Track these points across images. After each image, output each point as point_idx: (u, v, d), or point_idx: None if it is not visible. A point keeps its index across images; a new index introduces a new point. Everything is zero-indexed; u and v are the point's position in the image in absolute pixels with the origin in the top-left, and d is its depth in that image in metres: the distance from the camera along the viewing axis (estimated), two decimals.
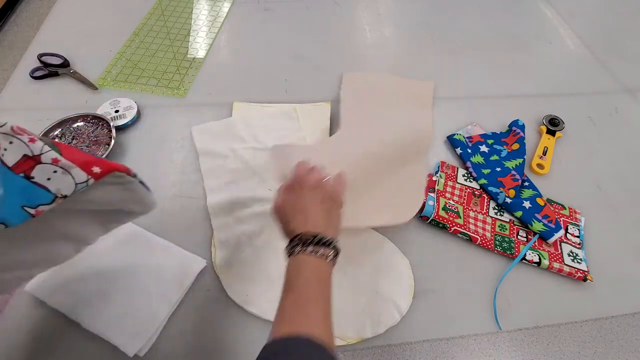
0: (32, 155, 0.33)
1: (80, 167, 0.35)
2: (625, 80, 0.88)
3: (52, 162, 0.33)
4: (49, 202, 0.34)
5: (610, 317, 0.55)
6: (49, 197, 0.34)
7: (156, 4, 0.97)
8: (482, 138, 0.73)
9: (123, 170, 0.38)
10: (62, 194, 0.34)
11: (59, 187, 0.34)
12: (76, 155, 0.35)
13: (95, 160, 0.36)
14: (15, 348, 0.48)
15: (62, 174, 0.34)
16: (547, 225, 0.60)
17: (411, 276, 0.56)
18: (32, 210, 0.33)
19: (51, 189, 0.34)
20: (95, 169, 0.36)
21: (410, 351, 0.51)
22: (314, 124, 0.74)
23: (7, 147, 0.32)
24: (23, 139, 0.33)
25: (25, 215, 0.33)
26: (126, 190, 0.41)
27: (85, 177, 0.35)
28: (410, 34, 0.95)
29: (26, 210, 0.33)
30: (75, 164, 0.35)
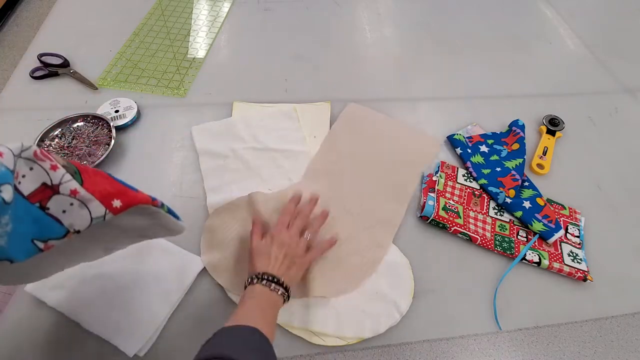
0: (50, 185, 0.31)
1: (100, 199, 0.33)
2: (625, 80, 0.88)
3: (70, 193, 0.32)
4: (60, 237, 0.32)
5: (610, 317, 0.55)
6: (61, 232, 0.32)
7: (156, 4, 0.97)
8: (482, 138, 0.73)
9: (147, 202, 0.36)
10: (75, 229, 0.32)
11: (72, 222, 0.32)
12: (99, 186, 0.33)
13: (118, 192, 0.34)
14: (15, 348, 0.48)
15: (79, 207, 0.32)
16: (547, 225, 0.60)
17: (411, 276, 0.56)
18: (42, 245, 0.31)
19: (65, 222, 0.32)
20: (115, 202, 0.34)
21: (410, 351, 0.51)
22: (314, 124, 0.74)
23: (27, 173, 0.30)
24: (45, 165, 0.31)
25: (34, 250, 0.31)
26: (153, 218, 0.39)
27: (102, 212, 0.33)
28: (410, 34, 0.95)
29: (36, 244, 0.31)
30: (95, 196, 0.33)
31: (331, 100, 0.77)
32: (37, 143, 0.63)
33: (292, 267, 0.50)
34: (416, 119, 0.77)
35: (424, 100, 0.81)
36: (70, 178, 0.31)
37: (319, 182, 0.65)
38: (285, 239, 0.52)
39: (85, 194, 0.32)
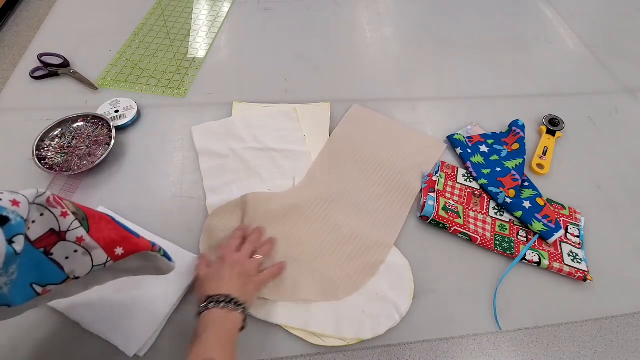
0: (58, 231, 0.31)
1: (104, 247, 0.34)
2: (625, 80, 0.88)
3: (75, 240, 0.32)
4: (58, 283, 0.32)
5: (610, 317, 0.55)
6: (61, 278, 0.32)
7: (156, 4, 0.97)
8: (482, 138, 0.73)
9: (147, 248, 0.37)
10: (75, 275, 0.33)
11: (73, 269, 0.32)
12: (104, 233, 0.34)
13: (121, 239, 0.35)
14: (15, 348, 0.48)
15: (82, 255, 0.33)
16: (547, 225, 0.60)
17: (411, 277, 0.56)
18: (40, 289, 0.31)
19: (66, 269, 0.32)
20: (118, 250, 0.35)
21: (410, 351, 0.51)
22: (314, 124, 0.74)
23: (37, 219, 0.30)
24: (56, 212, 0.31)
25: (32, 294, 0.31)
26: (148, 261, 0.40)
27: (104, 260, 0.34)
28: (410, 34, 0.95)
29: (34, 288, 0.31)
30: (100, 243, 0.33)
31: (331, 100, 0.77)
32: (37, 143, 0.63)
33: (247, 284, 0.48)
34: (416, 119, 0.77)
35: (424, 100, 0.81)
36: (78, 225, 0.32)
37: (322, 183, 0.65)
38: (237, 257, 0.50)
39: (91, 241, 0.33)
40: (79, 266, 0.32)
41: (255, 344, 0.50)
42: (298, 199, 0.62)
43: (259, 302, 0.52)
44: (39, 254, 0.31)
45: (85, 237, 0.32)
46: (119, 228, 0.36)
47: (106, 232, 0.34)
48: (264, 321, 0.51)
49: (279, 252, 0.57)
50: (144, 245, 0.37)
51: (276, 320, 0.51)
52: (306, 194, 0.63)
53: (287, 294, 0.53)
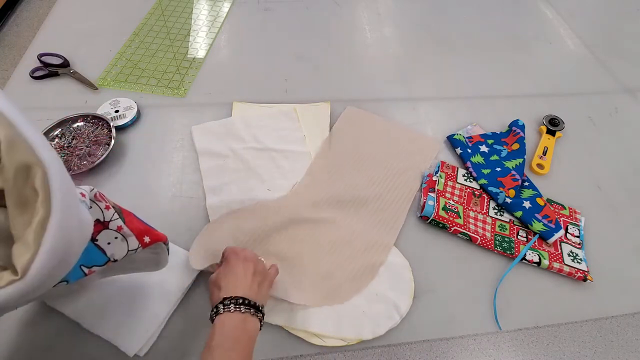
0: (102, 221, 0.36)
1: (136, 235, 0.39)
2: (625, 80, 0.88)
3: (116, 229, 0.37)
4: (101, 264, 0.36)
5: (610, 317, 0.55)
6: (103, 260, 0.36)
7: (156, 4, 0.97)
8: (482, 138, 0.73)
9: (163, 239, 0.43)
10: (114, 259, 0.37)
11: (113, 252, 0.37)
12: (134, 224, 0.39)
13: (146, 230, 0.40)
14: (15, 348, 0.48)
15: (121, 241, 0.38)
16: (547, 225, 0.60)
17: (411, 278, 0.56)
18: (87, 270, 0.35)
19: (107, 252, 0.37)
20: (146, 238, 0.40)
21: (410, 351, 0.51)
22: (314, 124, 0.74)
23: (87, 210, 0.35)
24: (101, 205, 0.36)
25: (81, 275, 0.35)
26: (156, 253, 0.45)
27: (136, 245, 0.39)
28: (410, 34, 0.95)
29: (82, 269, 0.35)
30: (133, 232, 0.39)
31: (331, 100, 0.77)
32: None
33: (263, 283, 0.45)
34: (416, 119, 0.77)
35: (424, 100, 0.81)
36: (117, 217, 0.37)
37: (320, 184, 0.65)
38: (249, 254, 0.47)
39: (127, 230, 0.38)
40: (117, 251, 0.37)
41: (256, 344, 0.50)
42: (296, 202, 0.62)
43: None
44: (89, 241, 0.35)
45: (123, 226, 0.38)
46: (142, 222, 0.41)
47: (136, 224, 0.40)
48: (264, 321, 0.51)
49: (279, 255, 0.57)
50: (162, 237, 0.43)
51: (276, 321, 0.51)
52: (304, 197, 0.63)
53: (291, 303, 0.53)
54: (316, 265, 0.56)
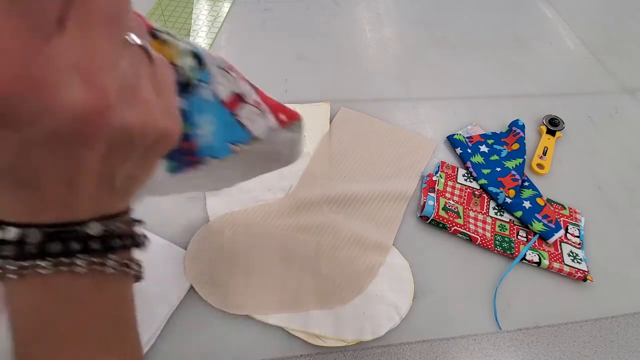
0: (239, 93, 0.32)
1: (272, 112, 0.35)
2: (625, 80, 0.88)
3: (254, 103, 0.33)
4: (245, 142, 0.33)
5: (610, 317, 0.55)
6: (247, 137, 0.33)
7: (156, 4, 0.97)
8: (482, 138, 0.73)
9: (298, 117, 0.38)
10: (257, 136, 0.33)
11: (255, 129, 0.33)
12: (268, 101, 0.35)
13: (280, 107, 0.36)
14: None
15: (259, 117, 0.34)
16: (547, 225, 0.60)
17: (411, 278, 0.56)
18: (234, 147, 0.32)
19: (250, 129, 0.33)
20: (281, 116, 0.36)
21: (410, 351, 0.51)
22: (314, 124, 0.73)
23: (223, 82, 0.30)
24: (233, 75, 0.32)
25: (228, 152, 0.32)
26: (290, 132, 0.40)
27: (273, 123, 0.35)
28: (410, 34, 0.95)
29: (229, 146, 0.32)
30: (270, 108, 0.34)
31: (331, 100, 0.77)
32: None
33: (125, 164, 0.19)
34: (416, 119, 0.77)
35: (424, 100, 0.81)
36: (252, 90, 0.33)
37: (316, 187, 0.65)
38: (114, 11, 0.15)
39: (264, 105, 0.34)
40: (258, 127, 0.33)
41: (256, 344, 0.50)
42: (294, 203, 0.62)
43: (258, 302, 0.52)
44: (228, 115, 0.31)
45: (259, 100, 0.34)
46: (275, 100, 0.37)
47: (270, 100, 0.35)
48: (262, 321, 0.51)
49: (278, 259, 0.57)
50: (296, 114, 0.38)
51: (276, 322, 0.51)
52: (302, 198, 0.63)
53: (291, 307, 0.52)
54: (316, 269, 0.56)
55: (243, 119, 0.32)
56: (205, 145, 0.29)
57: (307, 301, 0.53)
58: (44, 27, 0.13)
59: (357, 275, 0.56)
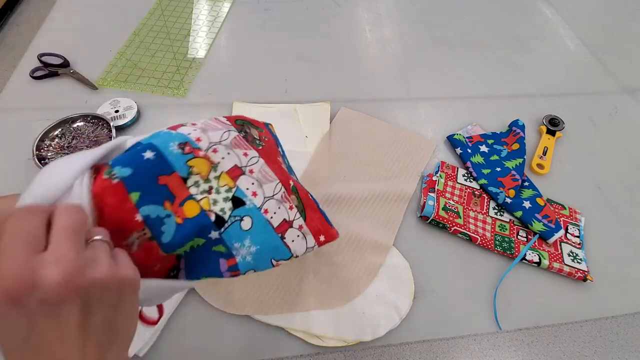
0: (288, 220, 0.40)
1: (313, 235, 0.42)
2: (625, 80, 0.88)
3: (298, 227, 0.41)
4: (286, 259, 0.39)
5: (610, 317, 0.55)
6: (288, 255, 0.39)
7: (156, 4, 0.97)
8: (482, 138, 0.73)
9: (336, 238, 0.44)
10: (296, 255, 0.40)
11: (296, 249, 0.40)
12: (314, 223, 0.42)
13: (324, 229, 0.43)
14: None
15: (301, 239, 0.41)
16: (547, 225, 0.60)
17: (411, 279, 0.56)
18: (275, 263, 0.39)
19: (292, 249, 0.40)
20: (321, 237, 0.42)
21: (410, 351, 0.51)
22: (314, 124, 0.74)
23: (277, 211, 0.39)
24: (286, 206, 0.40)
25: (270, 266, 0.38)
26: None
27: (313, 244, 0.42)
28: (410, 34, 0.95)
29: (272, 262, 0.39)
30: (311, 232, 0.42)
31: (331, 100, 0.77)
32: (37, 143, 0.63)
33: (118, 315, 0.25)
34: (416, 119, 0.77)
35: (424, 100, 0.81)
36: (299, 216, 0.41)
37: (316, 187, 0.65)
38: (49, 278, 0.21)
39: (306, 229, 0.41)
40: (299, 247, 0.40)
41: (256, 344, 0.50)
42: None
43: (258, 302, 0.52)
44: (277, 238, 0.39)
45: (303, 225, 0.41)
46: (321, 216, 0.44)
47: (315, 222, 0.42)
48: (261, 320, 0.51)
49: None
50: (335, 235, 0.44)
51: (276, 322, 0.51)
52: None
53: (291, 307, 0.52)
54: (316, 268, 0.56)
55: (287, 240, 0.40)
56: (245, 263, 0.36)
57: (307, 301, 0.53)
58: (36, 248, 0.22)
59: (357, 276, 0.56)
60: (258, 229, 0.37)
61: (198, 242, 0.34)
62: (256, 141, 0.42)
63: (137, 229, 0.31)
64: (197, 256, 0.35)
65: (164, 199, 0.32)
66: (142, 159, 0.33)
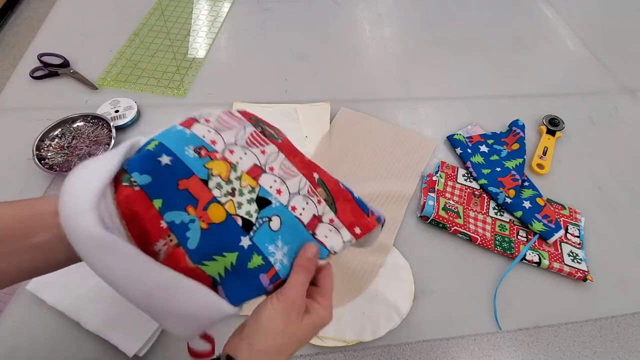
0: (317, 215, 0.38)
1: (347, 228, 0.39)
2: (625, 80, 0.88)
3: (329, 222, 0.39)
4: (324, 257, 0.38)
5: (610, 317, 0.55)
6: (325, 253, 0.38)
7: (156, 4, 0.97)
8: (482, 138, 0.73)
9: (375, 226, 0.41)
10: (334, 251, 0.38)
11: (332, 245, 0.38)
12: (346, 214, 0.40)
13: (357, 220, 0.40)
14: (15, 348, 0.48)
15: (335, 233, 0.39)
16: (547, 225, 0.60)
17: (411, 279, 0.56)
18: None
19: (327, 245, 0.38)
20: (357, 229, 0.40)
21: (411, 351, 0.51)
22: (314, 124, 0.74)
23: (305, 207, 0.37)
24: (314, 200, 0.38)
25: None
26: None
27: (349, 237, 0.39)
28: (410, 34, 0.95)
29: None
30: (344, 224, 0.39)
31: (331, 100, 0.77)
32: (37, 143, 0.63)
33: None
34: (416, 119, 0.77)
35: (424, 100, 0.81)
36: (329, 210, 0.39)
37: None
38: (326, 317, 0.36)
39: (338, 222, 0.39)
40: (334, 243, 0.38)
41: None
42: None
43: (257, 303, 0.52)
44: (308, 234, 0.37)
45: (334, 218, 0.39)
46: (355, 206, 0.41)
47: (347, 213, 0.40)
48: None
49: None
50: (373, 225, 0.41)
51: None
52: None
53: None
54: None
55: (320, 237, 0.38)
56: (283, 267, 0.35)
57: None
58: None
59: (357, 276, 0.56)
60: (288, 228, 0.36)
61: (231, 259, 0.32)
62: (274, 135, 0.40)
63: (163, 236, 0.30)
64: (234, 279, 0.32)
65: (186, 204, 0.31)
66: (160, 165, 0.32)
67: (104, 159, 0.31)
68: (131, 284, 0.30)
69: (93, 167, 0.30)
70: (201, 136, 0.35)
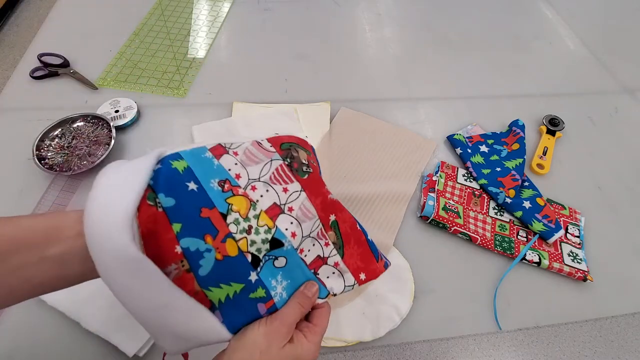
0: (322, 257, 0.40)
1: (352, 273, 0.41)
2: (625, 80, 0.88)
3: (334, 264, 0.40)
4: (323, 297, 0.39)
5: (610, 317, 0.55)
6: (325, 293, 0.39)
7: (156, 4, 0.97)
8: (482, 138, 0.73)
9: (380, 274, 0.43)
10: (334, 293, 0.40)
11: (332, 286, 0.40)
12: (352, 260, 0.41)
13: (365, 266, 0.42)
14: (15, 348, 0.48)
15: (337, 276, 0.40)
16: (547, 225, 0.60)
17: (411, 279, 0.56)
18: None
19: (327, 286, 0.39)
20: (362, 275, 0.42)
21: (410, 351, 0.51)
22: (314, 124, 0.74)
23: (311, 248, 0.39)
24: (321, 242, 0.40)
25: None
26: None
27: (352, 282, 0.41)
28: (410, 34, 0.95)
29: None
30: (349, 269, 0.41)
31: (331, 100, 0.77)
32: (37, 143, 0.63)
33: None
34: (416, 119, 0.77)
35: (424, 100, 0.81)
36: (335, 253, 0.40)
37: None
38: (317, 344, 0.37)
39: (343, 266, 0.41)
40: (335, 285, 0.40)
41: None
42: None
43: None
44: (311, 274, 0.39)
45: (339, 262, 0.40)
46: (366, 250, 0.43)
47: (355, 259, 0.42)
48: None
49: None
50: (380, 271, 0.43)
51: None
52: None
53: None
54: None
55: (322, 277, 0.39)
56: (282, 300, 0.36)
57: None
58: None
59: None
60: (291, 266, 0.37)
61: (235, 288, 0.33)
62: (303, 168, 0.40)
63: (176, 260, 0.30)
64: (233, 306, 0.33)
65: (204, 233, 0.31)
66: (186, 190, 0.32)
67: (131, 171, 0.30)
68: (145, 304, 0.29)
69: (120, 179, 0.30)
70: (227, 169, 0.35)
